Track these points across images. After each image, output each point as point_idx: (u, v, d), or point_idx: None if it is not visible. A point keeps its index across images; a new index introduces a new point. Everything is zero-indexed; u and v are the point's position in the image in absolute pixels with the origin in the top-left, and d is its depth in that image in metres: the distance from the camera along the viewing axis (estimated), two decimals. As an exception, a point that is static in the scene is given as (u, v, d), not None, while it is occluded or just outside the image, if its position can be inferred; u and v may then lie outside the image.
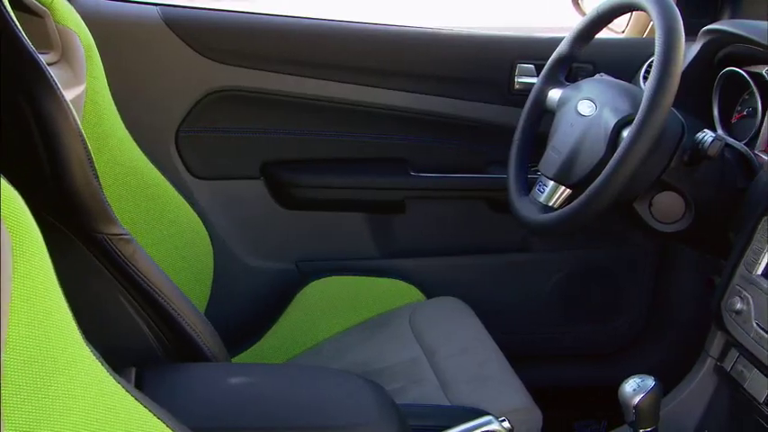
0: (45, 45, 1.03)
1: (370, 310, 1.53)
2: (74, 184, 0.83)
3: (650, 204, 1.26)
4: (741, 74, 1.32)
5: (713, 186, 1.23)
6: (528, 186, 1.33)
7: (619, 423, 1.35)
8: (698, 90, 1.38)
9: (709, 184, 1.23)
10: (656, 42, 1.11)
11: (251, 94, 1.48)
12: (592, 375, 1.76)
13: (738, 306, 1.14)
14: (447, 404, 1.20)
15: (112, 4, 1.41)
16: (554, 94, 1.34)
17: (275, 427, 0.90)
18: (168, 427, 0.65)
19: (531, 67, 1.55)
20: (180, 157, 1.48)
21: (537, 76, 1.41)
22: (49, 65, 0.92)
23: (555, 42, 1.37)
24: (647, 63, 1.48)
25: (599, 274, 1.72)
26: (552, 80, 1.35)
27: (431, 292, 1.57)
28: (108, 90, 1.16)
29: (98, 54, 1.13)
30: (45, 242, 0.53)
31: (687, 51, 1.36)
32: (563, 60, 1.35)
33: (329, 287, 1.54)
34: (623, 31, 1.71)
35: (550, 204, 1.26)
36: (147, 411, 0.64)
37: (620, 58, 1.55)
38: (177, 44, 1.41)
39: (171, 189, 1.33)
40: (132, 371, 0.91)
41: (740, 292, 1.15)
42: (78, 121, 0.84)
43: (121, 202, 1.20)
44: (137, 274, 0.92)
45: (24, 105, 0.79)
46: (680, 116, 1.21)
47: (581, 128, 1.24)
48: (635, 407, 1.07)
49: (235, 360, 1.43)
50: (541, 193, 1.27)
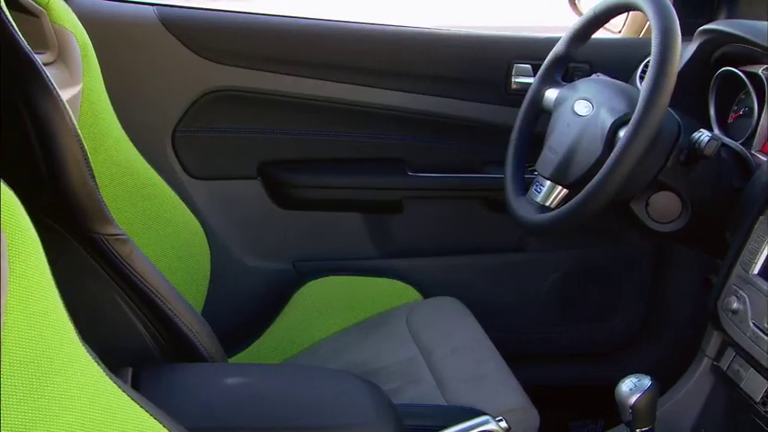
0: (41, 45, 1.02)
1: (367, 310, 1.53)
2: (70, 184, 0.83)
3: (647, 204, 1.26)
4: (737, 74, 1.32)
5: (710, 186, 1.23)
6: (525, 186, 1.33)
7: (615, 423, 1.34)
8: (694, 90, 1.38)
9: (705, 183, 1.23)
10: (652, 42, 1.11)
11: (248, 94, 1.48)
12: (589, 375, 1.76)
13: (735, 305, 1.14)
14: (444, 404, 1.20)
15: (109, 3, 1.41)
16: (551, 93, 1.34)
17: (272, 427, 0.90)
18: (165, 427, 0.65)
19: (528, 66, 1.55)
20: (176, 157, 1.48)
21: (534, 76, 1.41)
22: (46, 65, 0.92)
23: (552, 42, 1.37)
24: (643, 63, 1.48)
25: (596, 274, 1.72)
26: (549, 80, 1.35)
27: (428, 291, 1.57)
28: (104, 90, 1.16)
29: (94, 54, 1.13)
30: (41, 242, 0.53)
31: (683, 51, 1.36)
32: (560, 60, 1.35)
33: (326, 287, 1.54)
34: (620, 31, 1.71)
35: (547, 204, 1.26)
36: (144, 411, 0.64)
37: (616, 58, 1.55)
38: (174, 44, 1.41)
39: (167, 189, 1.33)
40: (129, 371, 0.91)
41: (737, 291, 1.15)
42: (75, 121, 0.84)
43: (118, 203, 1.20)
44: (133, 275, 0.92)
45: (20, 106, 0.79)
46: (676, 116, 1.21)
47: (578, 128, 1.24)
48: (632, 406, 1.07)
49: (232, 360, 1.43)
50: (538, 192, 1.27)
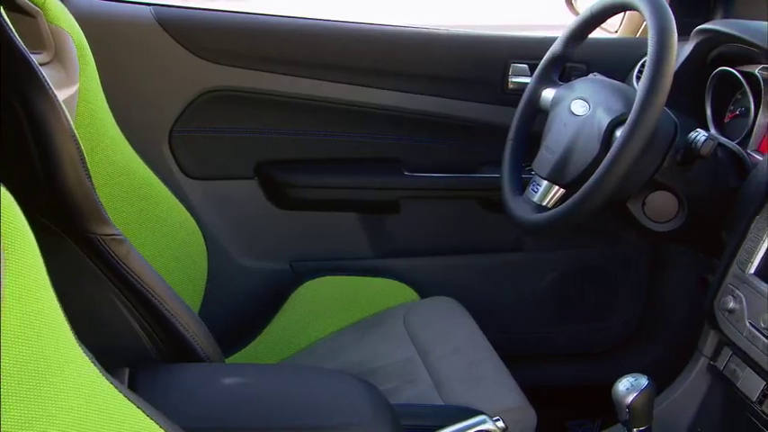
0: (37, 45, 1.02)
1: (364, 310, 1.53)
2: (66, 184, 0.83)
3: (643, 204, 1.26)
4: (734, 73, 1.32)
5: (706, 186, 1.24)
6: (522, 186, 1.33)
7: (613, 422, 1.35)
8: (691, 90, 1.38)
9: (701, 183, 1.23)
10: (648, 42, 1.12)
11: (245, 94, 1.48)
12: (586, 374, 1.76)
13: (731, 305, 1.14)
14: (441, 404, 1.20)
15: (105, 3, 1.41)
16: (547, 93, 1.34)
17: (269, 427, 0.90)
18: (161, 427, 0.65)
19: (525, 66, 1.55)
20: (173, 157, 1.48)
21: (531, 76, 1.41)
22: (42, 65, 0.92)
23: (548, 42, 1.37)
24: (640, 63, 1.48)
25: (593, 274, 1.72)
26: (546, 80, 1.36)
27: (425, 291, 1.57)
28: (101, 90, 1.16)
29: (91, 54, 1.13)
30: (37, 243, 0.53)
31: (680, 51, 1.36)
32: (556, 60, 1.35)
33: (323, 287, 1.53)
34: (616, 31, 1.72)
35: (544, 204, 1.26)
36: (140, 412, 0.64)
37: (613, 58, 1.55)
38: (170, 44, 1.40)
39: (164, 189, 1.33)
40: (125, 371, 0.91)
41: (733, 291, 1.15)
42: (71, 122, 0.83)
43: (114, 203, 1.20)
44: (130, 275, 0.92)
45: (17, 106, 0.79)
46: (673, 116, 1.22)
47: (574, 127, 1.24)
48: (628, 406, 1.07)
49: (229, 360, 1.43)
50: (535, 192, 1.27)
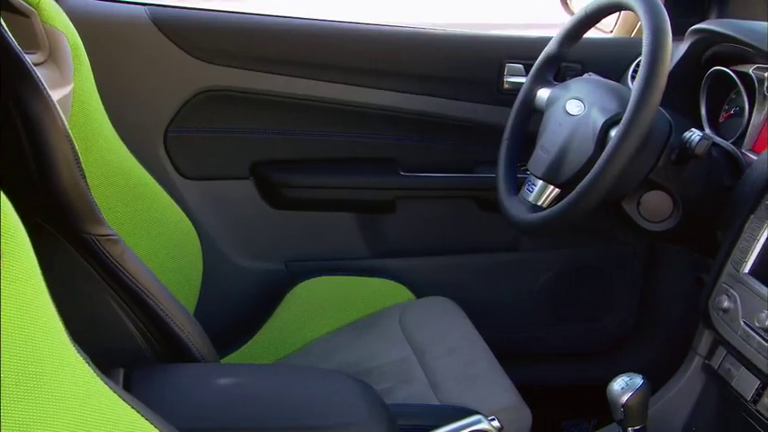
0: (32, 45, 1.02)
1: (359, 310, 1.53)
2: (61, 184, 0.83)
3: (638, 203, 1.27)
4: (728, 73, 1.32)
5: (701, 185, 1.24)
6: (517, 186, 1.33)
7: (608, 421, 1.35)
8: (685, 89, 1.39)
9: (696, 182, 1.23)
10: (643, 42, 1.12)
11: (240, 94, 1.47)
12: (581, 374, 1.77)
13: (726, 304, 1.14)
14: (436, 403, 1.20)
15: (100, 4, 1.40)
16: (543, 93, 1.34)
17: (264, 427, 0.90)
18: (156, 427, 0.65)
19: (520, 66, 1.55)
20: (168, 157, 1.47)
21: (526, 76, 1.41)
22: (36, 65, 0.91)
23: (543, 42, 1.37)
24: (634, 62, 1.49)
25: (588, 273, 1.73)
26: (541, 80, 1.36)
27: (421, 291, 1.57)
28: (96, 90, 1.16)
29: (86, 54, 1.12)
30: (32, 243, 0.53)
31: (674, 51, 1.36)
32: (551, 60, 1.35)
33: (319, 287, 1.53)
34: (611, 31, 1.72)
35: (539, 204, 1.26)
36: (135, 413, 0.64)
37: (608, 58, 1.55)
38: (166, 44, 1.40)
39: (159, 189, 1.33)
40: (120, 372, 0.91)
41: (727, 290, 1.15)
42: (65, 122, 0.83)
43: (109, 203, 1.20)
44: (125, 275, 0.92)
45: (11, 106, 0.79)
46: (667, 115, 1.22)
47: (569, 127, 1.24)
48: (623, 405, 1.07)
49: (224, 360, 1.43)
50: (530, 192, 1.27)
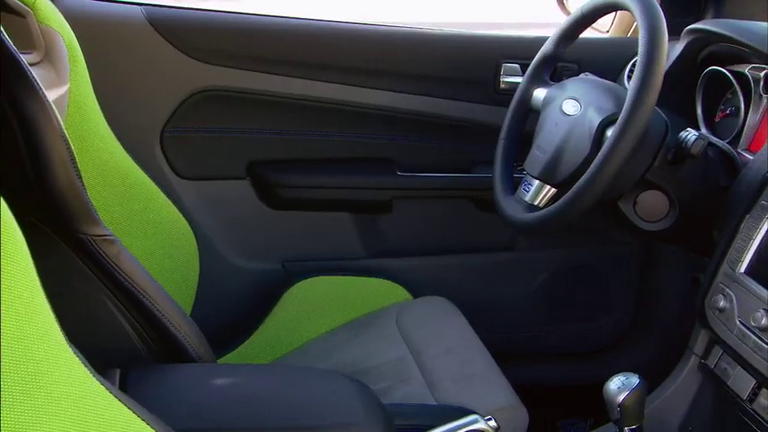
0: (27, 45, 1.02)
1: (356, 309, 1.53)
2: (56, 184, 0.82)
3: (635, 203, 1.27)
4: (724, 73, 1.32)
5: (697, 185, 1.24)
6: (513, 186, 1.33)
7: (604, 421, 1.35)
8: (681, 89, 1.39)
9: (692, 182, 1.23)
10: (639, 42, 1.12)
11: (236, 94, 1.47)
12: (577, 374, 1.77)
13: (722, 304, 1.14)
14: (433, 403, 1.20)
15: (96, 3, 1.40)
16: (539, 93, 1.34)
17: (261, 427, 0.90)
18: (152, 428, 0.65)
19: (517, 66, 1.55)
20: (165, 157, 1.47)
21: (522, 76, 1.41)
22: (32, 65, 0.91)
23: (540, 42, 1.37)
24: (631, 62, 1.49)
25: (584, 273, 1.73)
26: (537, 79, 1.36)
27: (417, 291, 1.57)
28: (92, 90, 1.16)
29: (81, 54, 1.12)
30: (28, 243, 0.53)
31: (670, 50, 1.36)
32: (548, 60, 1.35)
33: (316, 287, 1.53)
34: (608, 31, 1.72)
35: (536, 203, 1.26)
36: (131, 413, 0.64)
37: (604, 58, 1.56)
38: (161, 44, 1.40)
39: (155, 189, 1.33)
40: (116, 372, 0.91)
41: (723, 289, 1.15)
42: (61, 122, 0.83)
43: (105, 203, 1.20)
44: (121, 276, 0.92)
45: (6, 106, 0.79)
46: (663, 115, 1.22)
47: (566, 127, 1.24)
48: (620, 405, 1.07)
49: (221, 361, 1.43)
50: (527, 192, 1.27)
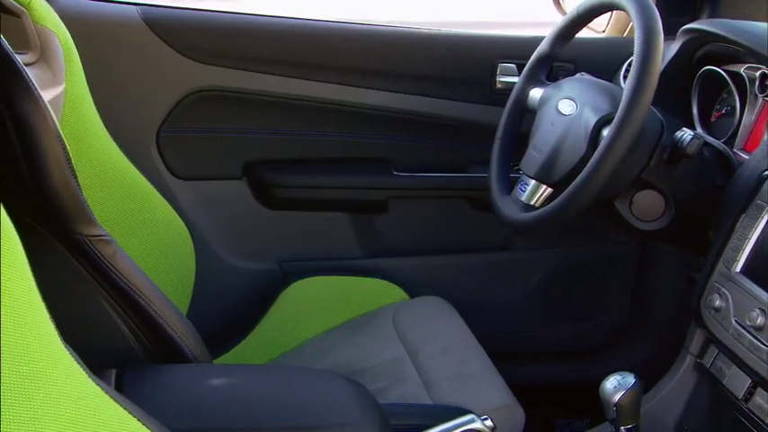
0: (23, 45, 1.02)
1: (353, 309, 1.53)
2: (52, 184, 0.82)
3: (630, 203, 1.27)
4: (720, 73, 1.33)
5: (692, 184, 1.24)
6: (510, 185, 1.33)
7: (600, 420, 1.35)
8: (677, 89, 1.39)
9: (688, 182, 1.23)
10: (635, 42, 1.12)
11: (233, 94, 1.47)
12: (574, 373, 1.77)
13: (717, 303, 1.15)
14: (430, 403, 1.20)
15: (92, 3, 1.40)
16: (535, 93, 1.34)
17: (257, 427, 0.90)
18: (148, 428, 0.65)
19: (513, 66, 1.55)
20: (161, 157, 1.47)
21: (518, 76, 1.42)
22: (27, 65, 0.91)
23: (536, 42, 1.37)
24: (626, 62, 1.49)
25: (581, 273, 1.73)
26: (533, 79, 1.36)
27: (414, 291, 1.57)
28: (87, 90, 1.16)
29: (77, 54, 1.12)
30: (23, 244, 0.53)
31: (666, 50, 1.37)
32: (544, 60, 1.35)
33: (312, 287, 1.53)
34: (604, 31, 1.72)
35: (532, 203, 1.26)
36: (127, 413, 0.63)
37: (600, 58, 1.56)
38: (157, 44, 1.40)
39: (152, 189, 1.33)
40: (112, 373, 0.91)
41: (719, 289, 1.15)
42: (56, 122, 0.83)
43: (101, 203, 1.19)
44: (117, 276, 0.92)
45: (1, 107, 0.78)
46: (659, 115, 1.22)
47: (562, 127, 1.24)
48: (616, 404, 1.07)
49: (217, 361, 1.43)
50: (523, 192, 1.27)
